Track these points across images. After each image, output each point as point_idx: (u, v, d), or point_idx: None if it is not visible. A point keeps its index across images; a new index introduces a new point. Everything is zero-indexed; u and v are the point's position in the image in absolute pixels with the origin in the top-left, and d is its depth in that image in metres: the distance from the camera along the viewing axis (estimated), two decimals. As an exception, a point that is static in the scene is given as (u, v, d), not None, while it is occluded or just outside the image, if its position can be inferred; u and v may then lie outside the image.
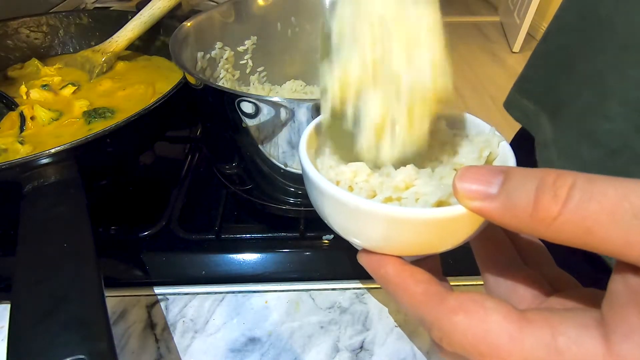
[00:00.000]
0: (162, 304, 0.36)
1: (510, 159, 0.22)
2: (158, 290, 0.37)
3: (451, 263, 0.37)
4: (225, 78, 0.50)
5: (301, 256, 0.39)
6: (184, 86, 0.41)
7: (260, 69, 0.53)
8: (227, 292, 0.37)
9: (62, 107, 0.48)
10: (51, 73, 0.55)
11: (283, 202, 0.43)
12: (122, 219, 0.43)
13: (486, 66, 2.56)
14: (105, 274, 0.27)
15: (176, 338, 0.33)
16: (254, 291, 0.37)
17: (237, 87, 0.52)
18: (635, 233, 0.14)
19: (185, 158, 0.51)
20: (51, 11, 0.74)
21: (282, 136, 0.35)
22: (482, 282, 0.24)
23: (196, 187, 0.47)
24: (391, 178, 0.22)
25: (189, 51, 0.44)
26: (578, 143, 0.33)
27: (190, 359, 0.32)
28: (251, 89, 0.52)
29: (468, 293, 0.18)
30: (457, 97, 2.19)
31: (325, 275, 0.38)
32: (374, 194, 0.22)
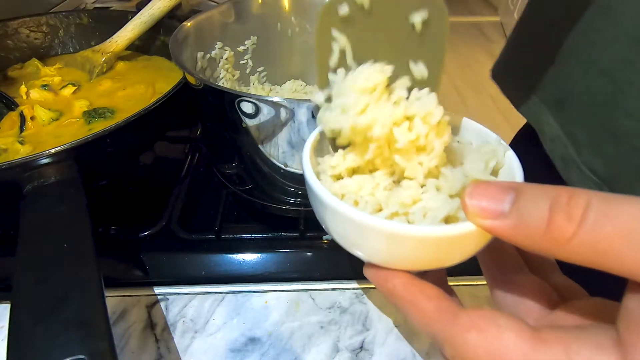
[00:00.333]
0: (162, 304, 0.36)
1: (517, 170, 0.22)
2: (158, 290, 0.37)
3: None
4: (225, 78, 0.50)
5: (301, 256, 0.39)
6: (184, 86, 0.41)
7: (260, 69, 0.53)
8: (227, 292, 0.37)
9: (62, 107, 0.48)
10: (51, 73, 0.54)
11: (283, 202, 0.43)
12: (122, 219, 0.43)
13: (486, 66, 2.54)
14: (105, 274, 0.27)
15: (176, 338, 0.33)
16: (254, 291, 0.37)
17: (237, 87, 0.52)
18: None
19: (185, 158, 0.51)
20: (51, 11, 0.74)
21: (282, 136, 0.35)
22: (485, 283, 0.24)
23: (196, 187, 0.47)
24: (397, 193, 0.22)
25: (189, 51, 0.44)
26: (599, 138, 0.32)
27: (190, 359, 0.32)
28: (251, 89, 0.52)
29: (480, 310, 0.18)
30: (457, 97, 2.19)
31: (325, 275, 0.38)
32: (380, 208, 0.22)
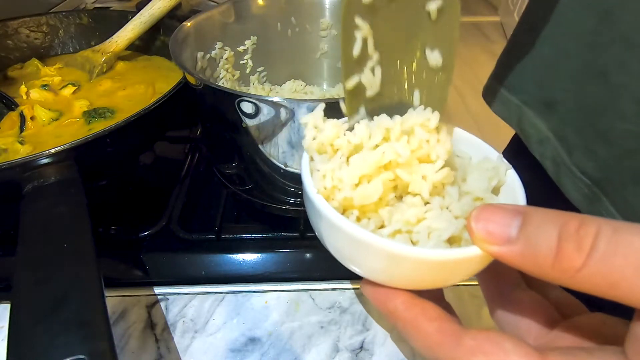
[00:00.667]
0: (162, 304, 0.36)
1: (519, 190, 0.22)
2: (158, 290, 0.37)
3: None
4: (225, 78, 0.50)
5: (301, 256, 0.39)
6: (184, 86, 0.41)
7: (260, 69, 0.53)
8: (227, 292, 0.37)
9: (62, 107, 0.48)
10: (51, 73, 0.54)
11: (283, 202, 0.43)
12: (122, 219, 0.43)
13: (486, 66, 2.55)
14: (105, 274, 0.27)
15: (176, 338, 0.33)
16: (254, 291, 0.37)
17: (237, 87, 0.52)
18: None
19: (185, 158, 0.51)
20: (51, 11, 0.74)
21: (282, 136, 0.35)
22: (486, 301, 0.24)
23: (196, 187, 0.47)
24: (401, 210, 0.22)
25: (189, 51, 0.44)
26: (591, 141, 0.32)
27: (190, 359, 0.32)
28: (251, 89, 0.52)
29: (485, 332, 0.18)
30: (457, 97, 2.19)
31: (325, 275, 0.38)
32: (382, 225, 0.22)
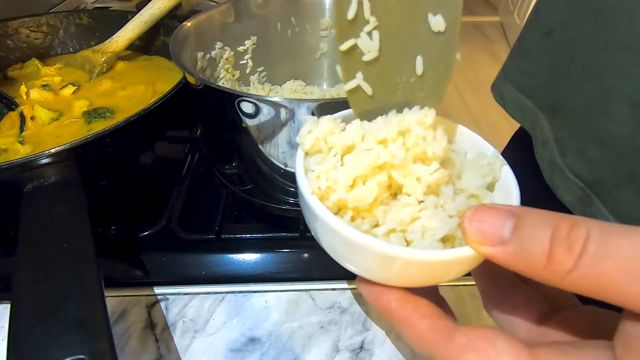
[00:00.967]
0: (162, 304, 0.36)
1: (513, 187, 0.22)
2: (158, 290, 0.37)
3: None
4: (225, 78, 0.50)
5: (301, 256, 0.39)
6: (184, 86, 0.41)
7: (260, 69, 0.53)
8: (227, 292, 0.37)
9: (62, 107, 0.48)
10: (51, 73, 0.54)
11: (283, 202, 0.43)
12: (122, 219, 0.43)
13: (486, 66, 2.55)
14: (105, 274, 0.27)
15: (176, 338, 0.33)
16: (254, 291, 0.37)
17: (237, 87, 0.52)
18: None
19: (185, 158, 0.51)
20: (51, 11, 0.74)
21: (282, 136, 0.35)
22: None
23: (196, 187, 0.47)
24: (395, 209, 0.22)
25: (189, 51, 0.44)
26: (585, 143, 0.32)
27: (190, 359, 0.32)
28: (251, 89, 0.52)
29: (477, 328, 0.18)
30: (457, 97, 2.19)
31: (325, 275, 0.38)
32: (377, 224, 0.22)
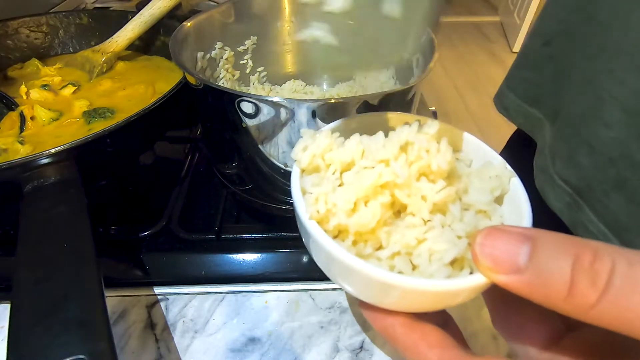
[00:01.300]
0: (162, 304, 0.36)
1: (523, 201, 0.21)
2: (158, 290, 0.37)
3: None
4: (225, 78, 0.50)
5: (301, 256, 0.39)
6: (184, 86, 0.41)
7: (260, 69, 0.53)
8: (227, 292, 0.37)
9: (62, 107, 0.48)
10: (51, 73, 0.54)
11: (283, 202, 0.43)
12: (122, 219, 0.43)
13: (486, 66, 2.56)
14: (105, 274, 0.27)
15: (176, 338, 0.33)
16: (254, 291, 0.37)
17: (237, 87, 0.52)
18: None
19: (185, 158, 0.51)
20: (51, 11, 0.74)
21: (282, 136, 0.35)
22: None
23: (196, 187, 0.47)
24: (400, 231, 0.20)
25: (189, 51, 0.44)
26: (576, 150, 0.32)
27: (190, 359, 0.32)
28: (251, 89, 0.52)
29: (487, 359, 0.17)
30: (457, 97, 2.19)
31: (325, 275, 0.38)
32: (381, 246, 0.21)
